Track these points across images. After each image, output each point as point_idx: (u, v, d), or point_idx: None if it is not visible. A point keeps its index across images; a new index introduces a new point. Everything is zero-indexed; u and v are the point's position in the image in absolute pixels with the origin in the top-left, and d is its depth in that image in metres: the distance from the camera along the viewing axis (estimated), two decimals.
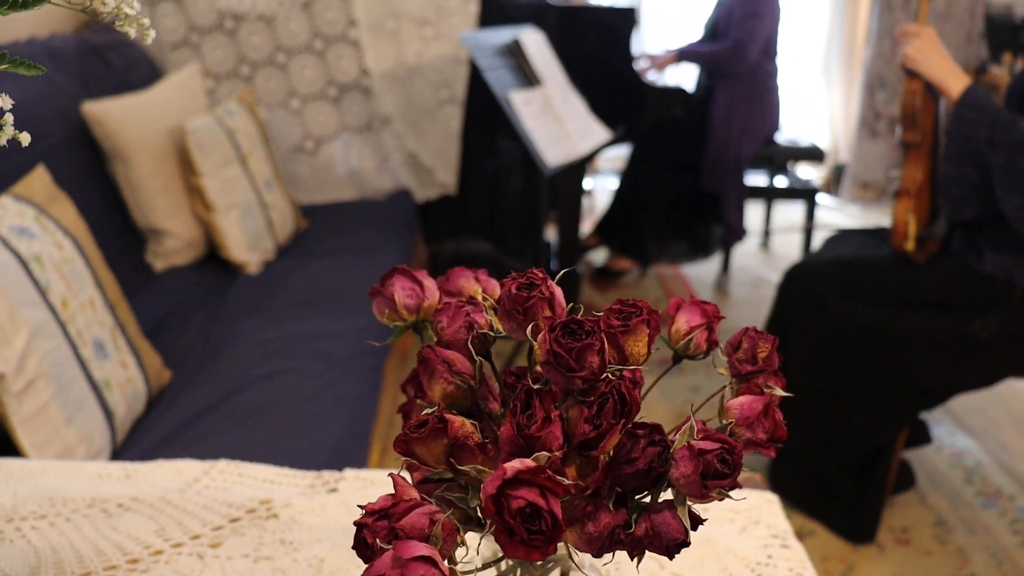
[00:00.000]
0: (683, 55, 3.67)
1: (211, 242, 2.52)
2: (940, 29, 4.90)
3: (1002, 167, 1.87)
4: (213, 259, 2.54)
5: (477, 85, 3.10)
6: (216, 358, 1.93)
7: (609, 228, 3.93)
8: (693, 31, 3.97)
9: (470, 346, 0.50)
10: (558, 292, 0.50)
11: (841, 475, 2.19)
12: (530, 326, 0.49)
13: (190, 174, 2.42)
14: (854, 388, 2.14)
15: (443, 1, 3.11)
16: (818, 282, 2.20)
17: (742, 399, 0.54)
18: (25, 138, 0.52)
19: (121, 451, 1.59)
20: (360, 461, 1.58)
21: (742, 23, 3.48)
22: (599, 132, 2.71)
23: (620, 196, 3.92)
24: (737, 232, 3.75)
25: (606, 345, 0.46)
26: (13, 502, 0.86)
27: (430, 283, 0.54)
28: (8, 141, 0.53)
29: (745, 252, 4.34)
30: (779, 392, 0.56)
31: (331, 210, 3.11)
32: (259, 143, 2.71)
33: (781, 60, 3.73)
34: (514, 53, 2.58)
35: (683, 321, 0.57)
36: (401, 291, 0.54)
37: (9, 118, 0.51)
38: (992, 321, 2.00)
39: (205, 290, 2.36)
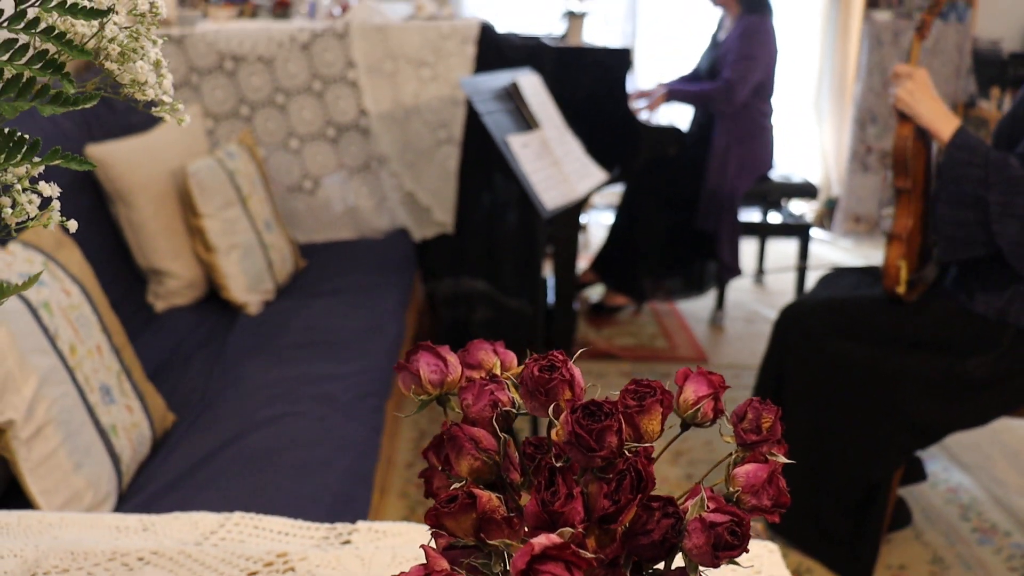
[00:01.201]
0: (672, 94, 3.74)
1: (212, 283, 2.54)
2: (929, 64, 4.98)
3: (999, 204, 1.91)
4: (213, 299, 2.56)
5: (474, 125, 3.14)
6: (218, 401, 1.95)
7: (604, 265, 3.97)
8: (686, 70, 4.03)
9: (495, 423, 0.53)
10: (577, 374, 0.53)
11: (837, 513, 2.21)
12: (552, 407, 0.52)
13: (191, 215, 2.45)
14: (850, 427, 2.16)
15: (440, 43, 3.16)
16: (813, 321, 2.23)
17: (748, 467, 0.57)
18: (72, 225, 0.54)
19: (127, 495, 1.60)
20: (363, 506, 1.60)
21: (735, 63, 3.54)
22: (596, 173, 2.75)
23: (615, 233, 3.95)
24: (731, 269, 3.79)
25: (623, 425, 0.50)
26: (35, 556, 0.88)
27: (452, 358, 0.57)
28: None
29: (739, 287, 4.38)
30: (782, 459, 0.59)
31: (329, 249, 3.14)
32: (259, 184, 2.75)
33: (776, 100, 3.80)
34: (512, 96, 2.62)
35: (691, 391, 0.60)
36: (426, 367, 0.57)
37: (56, 204, 0.54)
38: (985, 360, 2.04)
39: (206, 331, 2.38)
